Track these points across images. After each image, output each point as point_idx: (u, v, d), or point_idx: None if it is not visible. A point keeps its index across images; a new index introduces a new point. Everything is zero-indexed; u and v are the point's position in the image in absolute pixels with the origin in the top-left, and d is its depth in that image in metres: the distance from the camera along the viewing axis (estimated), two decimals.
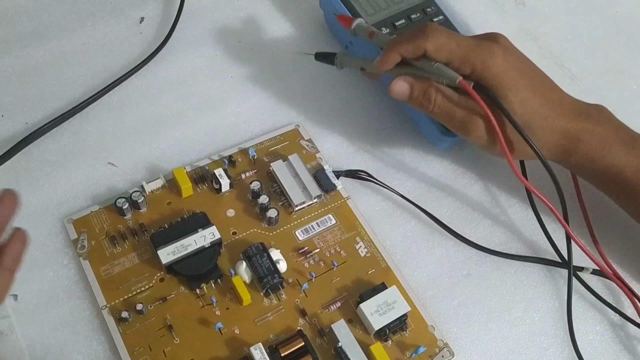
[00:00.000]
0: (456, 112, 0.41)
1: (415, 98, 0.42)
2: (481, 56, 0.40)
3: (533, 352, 0.41)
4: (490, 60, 0.40)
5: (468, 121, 0.41)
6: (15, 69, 0.49)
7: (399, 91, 0.43)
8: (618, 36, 0.59)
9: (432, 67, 0.41)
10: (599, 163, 0.41)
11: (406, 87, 0.43)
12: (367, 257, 0.43)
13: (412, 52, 0.41)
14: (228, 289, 0.40)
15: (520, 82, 0.40)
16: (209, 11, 0.55)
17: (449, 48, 0.40)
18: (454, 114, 0.41)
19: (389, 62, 0.42)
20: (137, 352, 0.38)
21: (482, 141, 0.42)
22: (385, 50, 0.42)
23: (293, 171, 0.45)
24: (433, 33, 0.40)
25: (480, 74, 0.40)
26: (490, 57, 0.40)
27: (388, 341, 0.40)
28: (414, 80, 0.42)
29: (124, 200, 0.42)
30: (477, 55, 0.40)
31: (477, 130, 0.41)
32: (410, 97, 0.43)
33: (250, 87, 0.51)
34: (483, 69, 0.40)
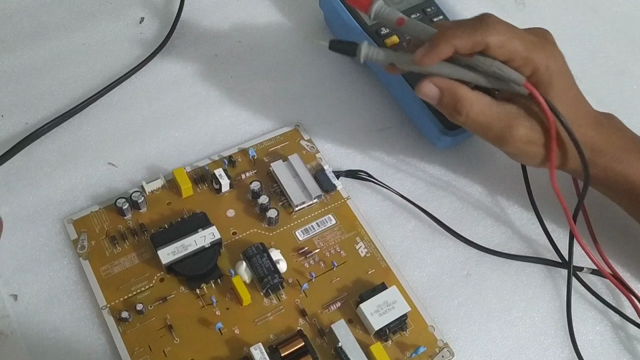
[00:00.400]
0: (493, 124, 0.39)
1: (444, 105, 0.39)
2: (545, 58, 0.37)
3: (533, 352, 0.41)
4: (552, 64, 0.37)
5: (507, 134, 0.39)
6: (15, 69, 0.49)
7: (426, 93, 0.39)
8: (618, 36, 0.59)
9: (490, 65, 0.37)
10: (615, 175, 0.41)
11: (436, 91, 0.39)
12: (367, 257, 0.43)
13: (470, 47, 0.37)
14: (228, 289, 0.40)
15: (567, 91, 0.39)
16: (209, 11, 0.55)
17: (512, 45, 0.37)
18: (490, 126, 0.39)
19: (439, 56, 0.37)
20: (137, 352, 0.38)
21: (517, 152, 0.40)
22: (434, 43, 0.37)
23: (293, 171, 0.45)
24: (496, 26, 0.37)
25: (540, 77, 0.37)
26: (553, 60, 0.38)
27: (388, 341, 0.40)
28: (447, 84, 0.39)
29: (124, 201, 0.42)
30: (542, 56, 0.37)
31: (515, 142, 0.39)
32: (439, 103, 0.40)
33: (250, 87, 0.51)
34: (545, 71, 0.37)
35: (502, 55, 0.37)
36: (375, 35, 0.49)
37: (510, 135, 0.39)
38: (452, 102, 0.39)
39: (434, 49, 0.37)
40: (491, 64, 0.37)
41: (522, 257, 0.45)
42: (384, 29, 0.49)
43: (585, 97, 0.41)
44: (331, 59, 0.53)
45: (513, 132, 0.39)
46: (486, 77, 0.39)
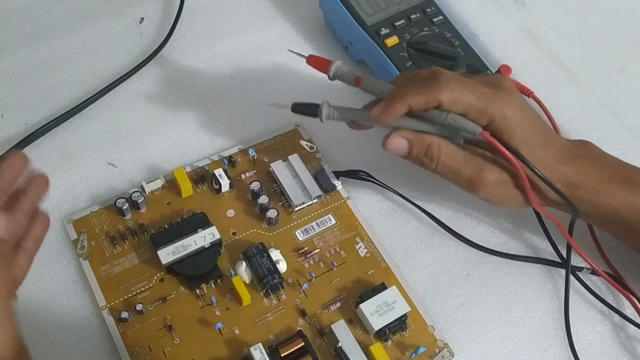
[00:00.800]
0: (462, 170, 0.39)
1: (415, 156, 0.40)
2: (500, 108, 0.38)
3: (533, 352, 0.41)
4: (508, 112, 0.38)
5: (476, 178, 0.39)
6: (15, 69, 0.49)
7: (396, 148, 0.40)
8: (618, 36, 0.59)
9: (445, 118, 0.38)
10: (597, 206, 0.40)
11: (404, 144, 0.40)
12: (367, 257, 0.43)
13: (423, 105, 0.38)
14: (228, 289, 0.40)
15: (531, 134, 0.39)
16: (209, 11, 0.55)
17: (466, 100, 0.37)
18: (460, 172, 0.39)
19: (394, 114, 0.38)
20: (137, 352, 0.38)
21: (490, 196, 0.40)
22: (389, 101, 0.38)
23: (293, 171, 0.45)
24: (447, 83, 0.37)
25: (498, 126, 0.38)
26: (508, 108, 0.38)
27: (388, 341, 0.40)
28: (413, 136, 0.39)
29: (124, 201, 0.42)
30: (497, 107, 0.38)
31: (486, 186, 0.39)
32: (409, 155, 0.40)
33: (250, 87, 0.51)
34: (502, 120, 0.38)
35: (456, 110, 0.38)
36: (375, 36, 0.49)
37: (481, 178, 0.39)
38: (422, 151, 0.40)
39: (390, 107, 0.38)
40: (446, 116, 0.38)
41: (522, 257, 0.45)
42: (384, 29, 0.49)
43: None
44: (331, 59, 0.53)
45: (483, 176, 0.39)
46: (446, 130, 0.39)
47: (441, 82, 0.37)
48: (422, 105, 0.38)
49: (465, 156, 0.39)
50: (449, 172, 0.40)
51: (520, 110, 0.39)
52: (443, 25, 0.50)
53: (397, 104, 0.38)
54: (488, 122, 0.38)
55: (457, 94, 0.37)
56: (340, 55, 0.53)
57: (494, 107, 0.38)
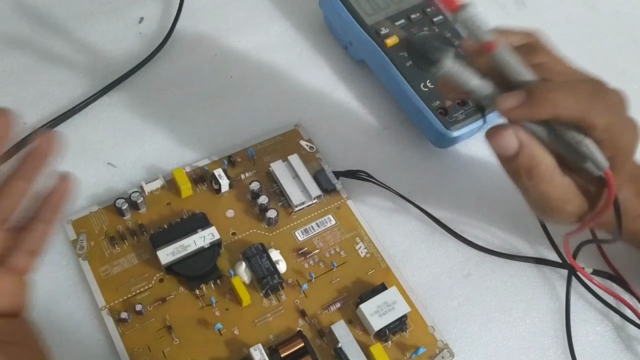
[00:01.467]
0: (552, 195, 0.33)
1: (515, 165, 0.33)
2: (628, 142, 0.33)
3: (533, 353, 0.41)
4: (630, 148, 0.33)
5: (561, 207, 0.34)
6: (15, 69, 0.49)
7: (503, 146, 0.32)
8: (618, 36, 0.59)
9: (581, 142, 0.31)
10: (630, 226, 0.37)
11: (515, 146, 0.32)
12: (367, 257, 0.43)
13: (570, 119, 0.31)
14: (227, 290, 0.40)
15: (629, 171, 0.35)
16: (209, 11, 0.55)
17: (614, 130, 0.31)
18: (549, 198, 0.34)
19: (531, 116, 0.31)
20: (136, 352, 0.38)
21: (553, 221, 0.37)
22: (532, 101, 0.31)
23: (293, 171, 0.45)
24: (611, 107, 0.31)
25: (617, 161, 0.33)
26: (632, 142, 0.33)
27: (388, 342, 0.40)
28: (529, 141, 0.32)
29: (124, 201, 0.42)
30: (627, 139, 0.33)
31: (563, 216, 0.35)
32: (509, 159, 0.33)
33: (250, 87, 0.51)
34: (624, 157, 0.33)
35: (600, 138, 0.32)
36: (375, 36, 0.48)
37: (563, 209, 0.34)
38: (528, 164, 0.33)
39: (534, 108, 0.31)
40: (582, 139, 0.32)
41: (523, 257, 0.45)
42: (384, 29, 0.49)
43: None
44: (331, 59, 0.53)
45: (567, 207, 0.34)
46: (570, 149, 0.33)
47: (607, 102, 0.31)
48: (568, 119, 0.31)
49: (560, 181, 0.33)
50: (536, 196, 0.34)
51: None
52: (443, 25, 0.50)
53: (544, 109, 0.31)
54: (611, 155, 0.33)
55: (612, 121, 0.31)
56: (340, 55, 0.53)
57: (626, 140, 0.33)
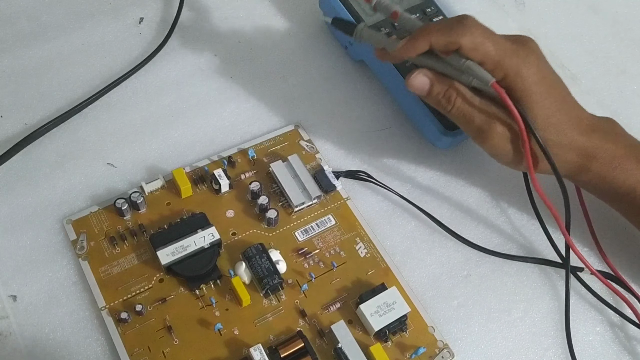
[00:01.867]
0: (475, 117, 0.40)
1: (434, 96, 0.41)
2: (517, 64, 0.38)
3: (533, 353, 0.41)
4: (525, 70, 0.38)
5: (486, 128, 0.40)
6: (15, 70, 0.49)
7: (417, 85, 0.41)
8: (618, 36, 0.59)
9: (463, 64, 0.39)
10: (610, 181, 0.41)
11: (426, 82, 0.41)
12: (366, 257, 0.43)
13: (444, 45, 0.39)
14: (227, 290, 0.40)
15: (547, 96, 0.39)
16: (209, 11, 0.55)
17: (485, 49, 0.38)
18: (473, 119, 0.40)
19: (415, 49, 0.40)
20: (136, 353, 0.38)
21: (495, 150, 0.41)
22: (413, 36, 0.40)
23: (292, 172, 0.45)
24: (471, 29, 0.38)
25: (512, 82, 0.38)
26: (525, 66, 0.38)
27: (388, 342, 0.40)
28: (435, 76, 0.40)
29: (123, 201, 0.42)
30: (514, 62, 0.38)
31: (494, 139, 0.40)
32: (429, 94, 0.41)
33: (250, 87, 0.51)
34: (516, 77, 0.38)
35: (475, 57, 0.38)
36: None
37: (490, 129, 0.40)
38: (442, 92, 0.40)
39: (412, 42, 0.39)
40: (463, 62, 0.39)
41: (522, 257, 0.45)
42: (384, 29, 0.49)
43: (578, 102, 0.41)
44: (331, 59, 0.53)
45: (492, 127, 0.40)
46: (464, 75, 0.40)
47: (466, 25, 0.38)
48: (442, 45, 0.39)
49: (480, 104, 0.40)
50: (462, 117, 0.40)
51: (538, 70, 0.39)
52: None
53: (420, 40, 0.39)
54: (502, 76, 0.38)
55: (477, 41, 0.38)
56: (340, 55, 0.53)
57: (511, 62, 0.38)
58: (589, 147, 0.40)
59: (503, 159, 0.41)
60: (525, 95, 0.38)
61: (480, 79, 0.39)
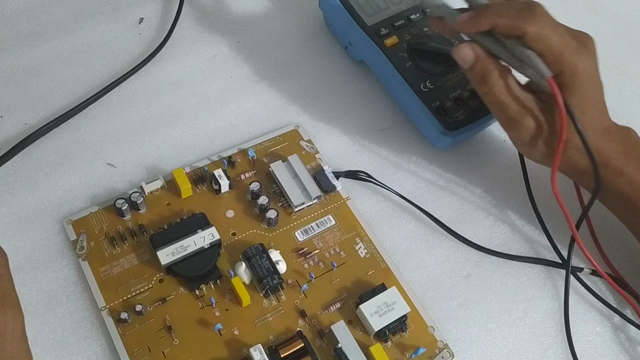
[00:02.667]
0: (510, 105, 0.40)
1: (474, 73, 0.40)
2: (576, 63, 0.38)
3: (533, 353, 0.41)
4: (581, 70, 0.38)
5: (519, 118, 0.40)
6: (15, 70, 0.49)
7: (461, 55, 0.40)
8: (617, 37, 0.59)
9: (522, 52, 0.38)
10: (614, 187, 0.41)
11: (471, 56, 0.40)
12: (366, 257, 0.43)
13: (508, 29, 0.38)
14: (227, 290, 0.40)
15: (591, 98, 0.39)
16: (209, 11, 0.55)
17: (549, 42, 0.38)
18: (507, 107, 0.40)
19: (477, 26, 0.39)
20: (136, 353, 0.38)
21: (520, 141, 0.41)
22: (478, 13, 0.39)
23: (292, 172, 0.45)
24: (539, 19, 0.38)
25: (566, 79, 0.38)
26: (582, 67, 0.38)
27: (388, 342, 0.40)
28: (482, 54, 0.40)
29: (123, 201, 0.42)
30: (573, 60, 0.38)
31: (523, 131, 0.40)
32: (470, 69, 0.41)
33: (250, 87, 0.51)
34: (571, 76, 0.38)
35: (535, 48, 0.38)
36: (374, 36, 0.49)
37: (522, 121, 0.40)
38: (482, 71, 0.40)
39: (476, 18, 0.39)
40: (523, 50, 0.38)
41: (522, 257, 0.45)
42: (384, 29, 0.49)
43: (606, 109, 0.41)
44: (331, 60, 0.53)
45: (525, 119, 0.40)
46: (518, 62, 0.39)
47: (535, 14, 0.38)
48: (507, 29, 0.38)
49: (519, 95, 0.40)
50: (495, 104, 0.40)
51: (592, 73, 0.39)
52: None
53: (484, 18, 0.39)
54: (558, 72, 0.38)
55: (544, 32, 0.37)
56: (340, 55, 0.53)
57: (570, 60, 0.38)
58: (603, 151, 0.40)
59: (525, 151, 0.42)
60: (571, 93, 0.38)
61: (537, 71, 0.38)
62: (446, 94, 0.47)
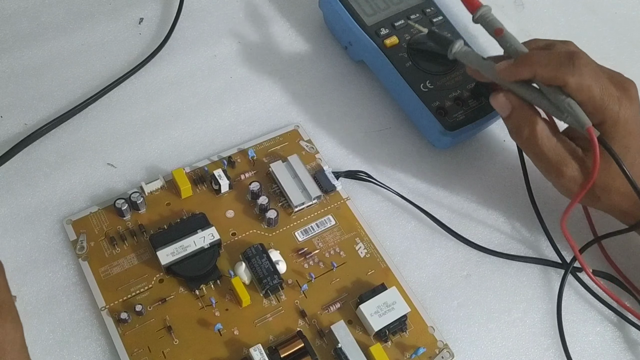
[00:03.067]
0: (549, 155, 0.40)
1: (512, 121, 0.41)
2: (617, 113, 0.38)
3: (533, 353, 0.41)
4: (623, 119, 0.38)
5: (559, 167, 0.40)
6: (15, 70, 0.49)
7: (499, 106, 0.41)
8: (617, 37, 0.59)
9: (563, 100, 0.38)
10: None
11: (508, 107, 0.41)
12: (366, 257, 0.43)
13: (549, 79, 0.38)
14: (227, 290, 0.40)
15: (636, 146, 0.39)
16: (209, 11, 0.55)
17: (590, 93, 0.38)
18: (547, 156, 0.40)
19: (517, 76, 0.39)
20: (136, 353, 0.38)
21: (564, 188, 0.41)
22: (518, 62, 0.39)
23: (292, 172, 0.45)
24: (581, 69, 0.37)
25: (608, 128, 0.38)
26: (625, 115, 0.38)
27: (388, 342, 0.40)
28: (519, 103, 0.40)
29: (123, 201, 0.42)
30: (615, 110, 0.38)
31: (565, 178, 0.40)
32: (508, 117, 0.41)
33: (250, 87, 0.51)
34: (613, 125, 0.38)
35: (576, 98, 0.38)
36: (374, 36, 0.49)
37: (562, 169, 0.40)
38: (519, 122, 0.40)
39: (516, 68, 0.39)
40: (564, 99, 0.38)
41: (522, 257, 0.45)
42: (384, 29, 0.49)
43: None
44: (331, 60, 0.53)
45: (565, 168, 0.40)
46: (557, 110, 0.39)
47: (577, 65, 0.38)
48: (547, 80, 0.38)
49: (557, 145, 0.40)
50: (534, 153, 0.41)
51: (634, 120, 0.39)
52: (442, 25, 0.50)
53: (525, 68, 0.39)
54: (599, 121, 0.38)
55: (586, 83, 0.37)
56: (340, 55, 0.53)
57: (612, 110, 0.38)
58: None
59: (568, 195, 0.41)
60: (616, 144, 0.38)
61: (578, 121, 0.38)
62: (446, 94, 0.47)
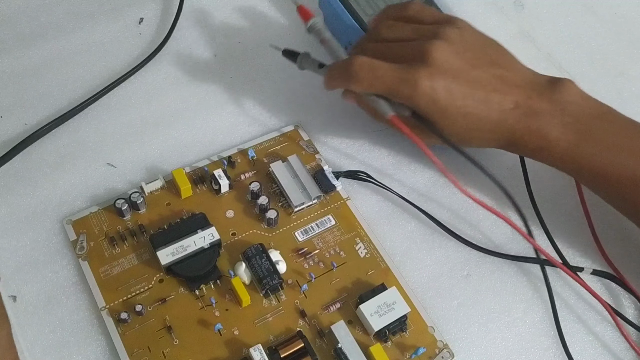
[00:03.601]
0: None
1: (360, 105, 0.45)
2: (406, 92, 0.40)
3: (533, 353, 0.41)
4: (415, 95, 0.40)
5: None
6: (14, 70, 0.49)
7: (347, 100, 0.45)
8: (617, 38, 0.59)
9: (369, 97, 0.42)
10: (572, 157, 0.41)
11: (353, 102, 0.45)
12: (366, 258, 0.43)
13: (346, 87, 0.43)
14: (227, 290, 0.40)
15: (452, 102, 0.40)
16: (209, 11, 0.55)
17: (375, 89, 0.41)
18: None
19: (329, 88, 0.44)
20: (136, 353, 0.38)
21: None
22: (325, 79, 0.44)
23: (292, 172, 0.45)
24: (357, 76, 0.41)
25: (412, 105, 0.41)
26: (414, 91, 0.40)
27: (388, 342, 0.40)
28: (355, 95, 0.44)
29: (123, 201, 0.42)
30: (402, 90, 0.40)
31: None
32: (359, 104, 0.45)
33: (250, 87, 0.51)
34: (412, 103, 0.40)
35: (374, 91, 0.41)
36: None
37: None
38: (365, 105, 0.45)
39: (326, 82, 0.44)
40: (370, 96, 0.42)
41: (522, 257, 0.45)
42: None
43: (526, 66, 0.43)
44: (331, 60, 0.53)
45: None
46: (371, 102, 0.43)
47: (352, 74, 0.41)
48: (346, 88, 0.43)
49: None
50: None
51: (431, 86, 0.39)
52: None
53: (329, 83, 0.44)
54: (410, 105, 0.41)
55: (365, 85, 0.41)
56: None
57: (400, 91, 0.40)
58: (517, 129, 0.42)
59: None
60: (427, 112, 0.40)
61: (383, 113, 0.42)
62: None
